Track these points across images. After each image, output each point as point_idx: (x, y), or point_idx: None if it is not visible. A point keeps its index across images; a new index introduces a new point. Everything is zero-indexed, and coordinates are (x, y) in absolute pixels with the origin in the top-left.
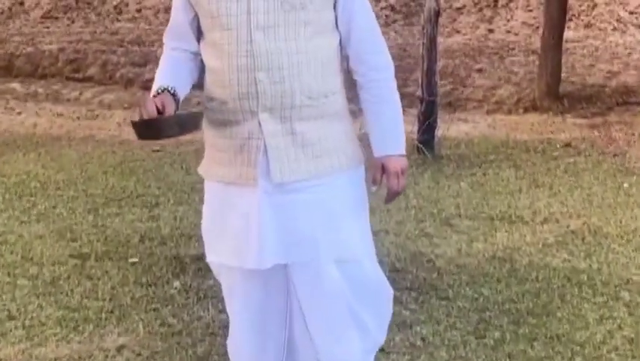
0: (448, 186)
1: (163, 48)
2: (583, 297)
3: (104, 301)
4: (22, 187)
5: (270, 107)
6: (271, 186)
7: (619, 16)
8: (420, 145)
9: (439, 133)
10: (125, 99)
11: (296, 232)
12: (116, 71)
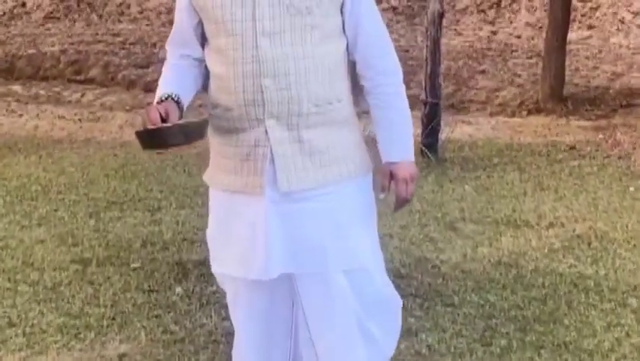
0: (452, 190)
1: (165, 49)
2: (590, 303)
3: (106, 307)
4: (23, 191)
5: (276, 115)
6: (278, 195)
7: (622, 17)
8: (423, 148)
9: (442, 136)
10: (126, 101)
11: (303, 241)
12: (118, 72)
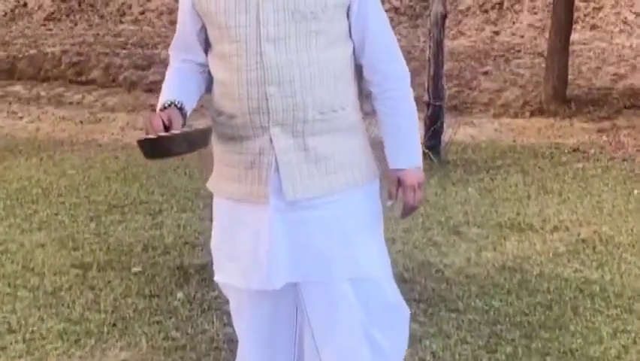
0: (456, 193)
1: (166, 51)
2: (596, 309)
3: (106, 313)
4: (23, 194)
5: (281, 122)
6: (283, 204)
7: (625, 18)
8: (426, 150)
9: (445, 138)
10: (128, 102)
11: (309, 250)
12: (119, 73)
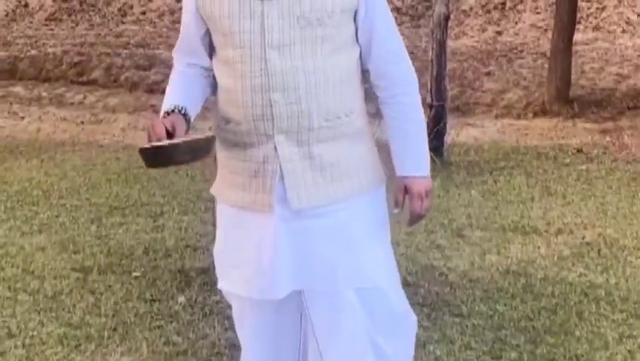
0: (459, 195)
1: (167, 51)
2: (601, 314)
3: (107, 317)
4: (24, 195)
5: (286, 130)
6: (288, 213)
7: (628, 18)
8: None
9: (448, 139)
10: (129, 103)
11: (314, 258)
12: (121, 74)
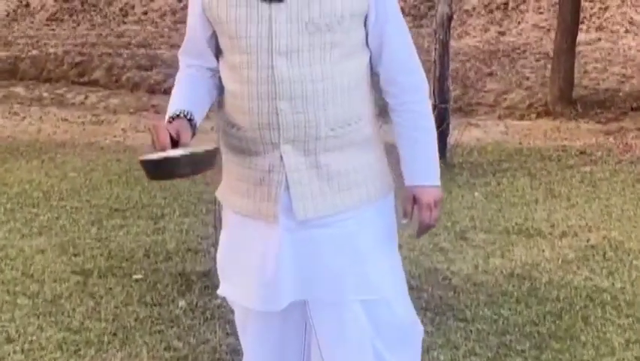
0: (462, 197)
1: (169, 52)
2: (607, 318)
3: (107, 322)
4: (24, 197)
5: (292, 139)
6: (294, 223)
7: (631, 18)
8: None
9: (451, 140)
10: (130, 103)
11: (319, 268)
12: (122, 74)
